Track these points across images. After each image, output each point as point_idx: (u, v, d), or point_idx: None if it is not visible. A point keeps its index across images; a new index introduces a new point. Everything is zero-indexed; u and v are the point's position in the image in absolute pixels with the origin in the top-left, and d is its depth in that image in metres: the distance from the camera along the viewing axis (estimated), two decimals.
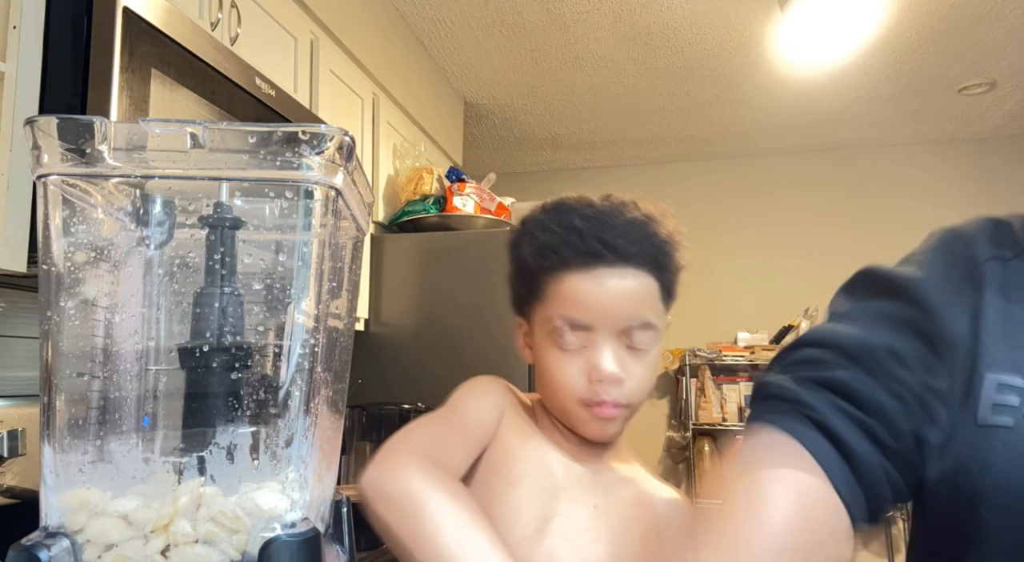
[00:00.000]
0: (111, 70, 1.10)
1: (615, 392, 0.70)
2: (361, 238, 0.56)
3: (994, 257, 0.59)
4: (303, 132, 0.42)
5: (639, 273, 0.70)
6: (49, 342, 0.42)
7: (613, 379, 0.69)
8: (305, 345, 0.43)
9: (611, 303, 0.69)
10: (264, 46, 1.76)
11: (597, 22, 2.70)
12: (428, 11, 2.64)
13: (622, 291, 0.69)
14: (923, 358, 0.57)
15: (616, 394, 0.70)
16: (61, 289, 0.42)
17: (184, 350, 0.43)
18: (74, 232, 0.42)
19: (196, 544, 0.39)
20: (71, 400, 0.42)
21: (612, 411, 0.71)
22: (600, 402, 0.70)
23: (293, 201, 0.43)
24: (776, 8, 2.58)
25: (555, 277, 0.71)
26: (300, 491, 0.41)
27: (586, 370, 0.70)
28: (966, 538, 0.56)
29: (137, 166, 0.42)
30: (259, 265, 0.45)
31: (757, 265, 4.09)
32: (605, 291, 0.69)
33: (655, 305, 0.71)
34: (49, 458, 0.41)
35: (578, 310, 0.69)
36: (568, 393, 0.71)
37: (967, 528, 0.56)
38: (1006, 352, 0.55)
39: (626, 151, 4.16)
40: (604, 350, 0.69)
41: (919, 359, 0.57)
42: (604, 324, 0.69)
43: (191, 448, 0.42)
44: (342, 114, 2.19)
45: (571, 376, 0.70)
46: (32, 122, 0.41)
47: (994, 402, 0.54)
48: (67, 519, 0.40)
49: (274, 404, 0.42)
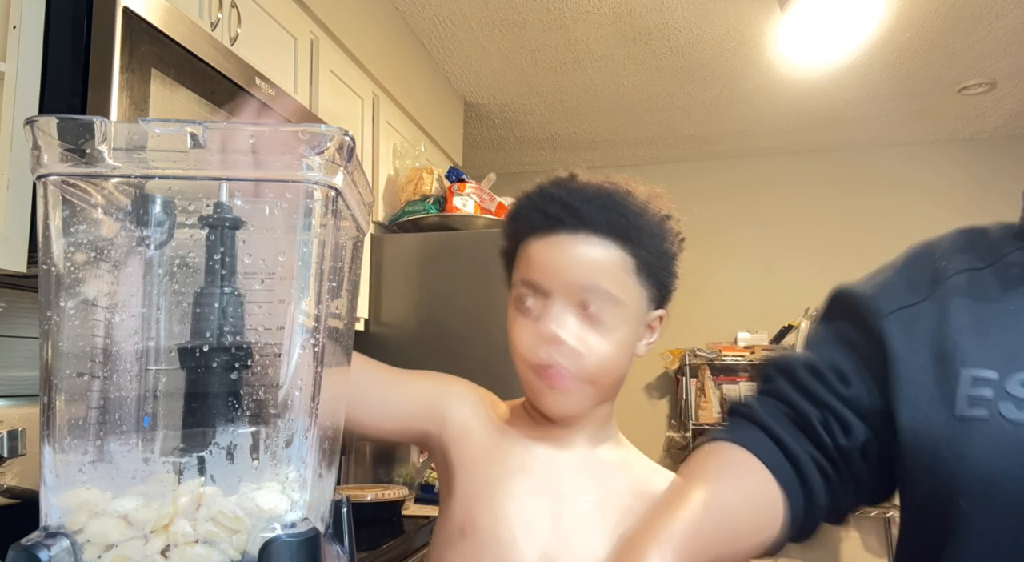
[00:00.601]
0: (111, 70, 1.10)
1: (564, 360, 0.67)
2: (361, 238, 0.56)
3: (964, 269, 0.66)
4: (303, 132, 0.42)
5: (604, 242, 0.68)
6: (49, 342, 0.42)
7: (554, 339, 0.67)
8: (305, 345, 0.43)
9: (567, 268, 0.68)
10: (264, 46, 1.76)
11: (597, 22, 2.70)
12: (428, 11, 2.64)
13: (579, 257, 0.68)
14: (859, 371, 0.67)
15: (567, 362, 0.68)
16: (61, 289, 0.42)
17: (184, 350, 0.43)
18: (74, 232, 0.42)
19: (196, 544, 0.39)
20: (71, 400, 0.42)
21: (563, 381, 0.68)
22: (547, 366, 0.68)
23: (293, 201, 0.43)
24: (776, 8, 2.58)
25: (522, 242, 0.71)
26: (300, 491, 0.41)
27: (538, 329, 0.68)
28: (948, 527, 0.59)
29: (137, 166, 0.42)
30: (259, 265, 0.45)
31: (757, 265, 4.09)
32: (562, 256, 0.68)
33: (620, 278, 0.69)
34: (49, 458, 0.41)
35: (535, 273, 0.69)
36: (523, 358, 0.70)
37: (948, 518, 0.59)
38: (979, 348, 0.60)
39: (626, 151, 4.16)
40: (554, 313, 0.68)
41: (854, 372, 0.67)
42: (559, 289, 0.68)
43: (191, 448, 0.42)
44: (342, 114, 2.19)
45: (525, 340, 0.69)
46: (32, 122, 0.41)
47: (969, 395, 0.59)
48: (67, 519, 0.40)
49: (274, 404, 0.42)
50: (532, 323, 0.69)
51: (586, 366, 0.68)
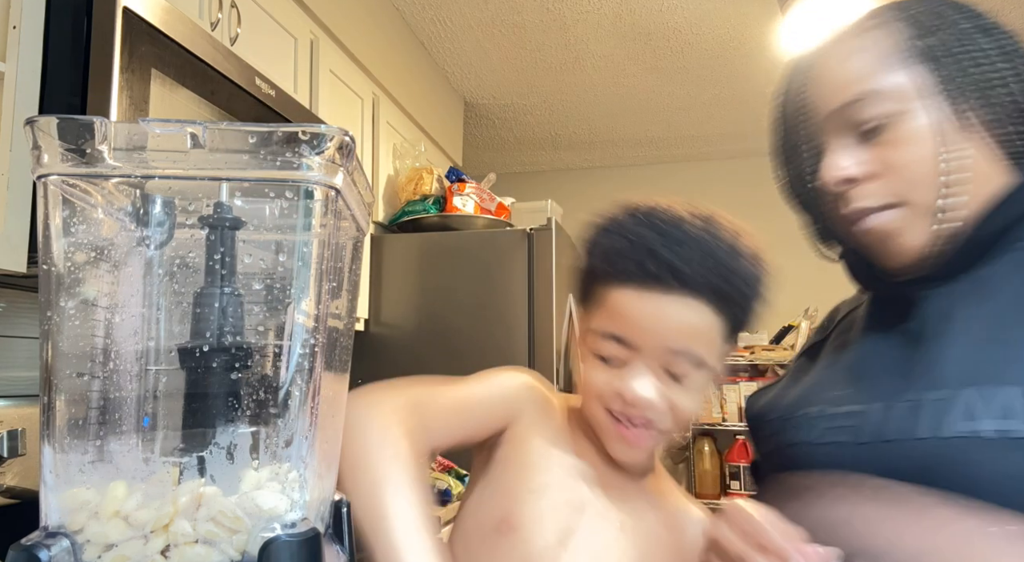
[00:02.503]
0: (111, 70, 1.10)
1: (646, 419, 0.68)
2: (361, 238, 0.56)
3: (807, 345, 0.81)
4: (303, 132, 0.42)
5: (701, 308, 0.65)
6: (49, 342, 0.42)
7: (645, 405, 0.66)
8: (305, 345, 0.43)
9: (661, 331, 0.65)
10: (264, 46, 1.76)
11: (597, 22, 2.70)
12: (428, 11, 2.64)
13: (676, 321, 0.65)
14: None
15: (647, 421, 0.68)
16: (61, 289, 0.42)
17: (184, 350, 0.43)
18: (74, 232, 0.42)
19: (196, 544, 0.39)
20: (71, 400, 0.42)
21: (640, 440, 0.68)
22: (627, 422, 0.68)
23: (293, 201, 0.43)
24: (776, 9, 2.58)
25: (606, 286, 0.68)
26: (300, 491, 0.41)
27: (620, 388, 0.67)
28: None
29: (137, 166, 0.42)
30: (259, 265, 0.45)
31: None
32: (657, 316, 0.65)
33: (711, 341, 0.67)
34: (49, 458, 0.41)
35: (624, 328, 0.66)
36: (600, 400, 0.69)
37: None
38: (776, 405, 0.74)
39: (626, 151, 4.16)
40: (641, 374, 0.66)
41: None
42: (648, 349, 0.66)
43: (191, 448, 0.42)
44: (342, 114, 2.19)
45: (604, 389, 0.68)
46: (32, 122, 0.41)
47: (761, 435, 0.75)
48: (67, 519, 0.40)
49: (274, 404, 0.42)
50: (613, 370, 0.68)
51: (664, 423, 0.68)
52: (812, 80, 0.70)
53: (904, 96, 0.64)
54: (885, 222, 0.65)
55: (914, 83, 0.64)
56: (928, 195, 0.63)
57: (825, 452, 0.64)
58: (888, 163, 0.64)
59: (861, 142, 0.66)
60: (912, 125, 0.63)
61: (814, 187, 0.71)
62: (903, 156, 0.63)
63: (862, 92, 0.65)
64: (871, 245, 0.67)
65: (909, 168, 0.63)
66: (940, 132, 0.63)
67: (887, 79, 0.64)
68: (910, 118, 0.64)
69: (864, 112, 0.65)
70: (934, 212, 0.63)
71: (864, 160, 0.65)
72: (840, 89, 0.66)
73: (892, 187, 0.64)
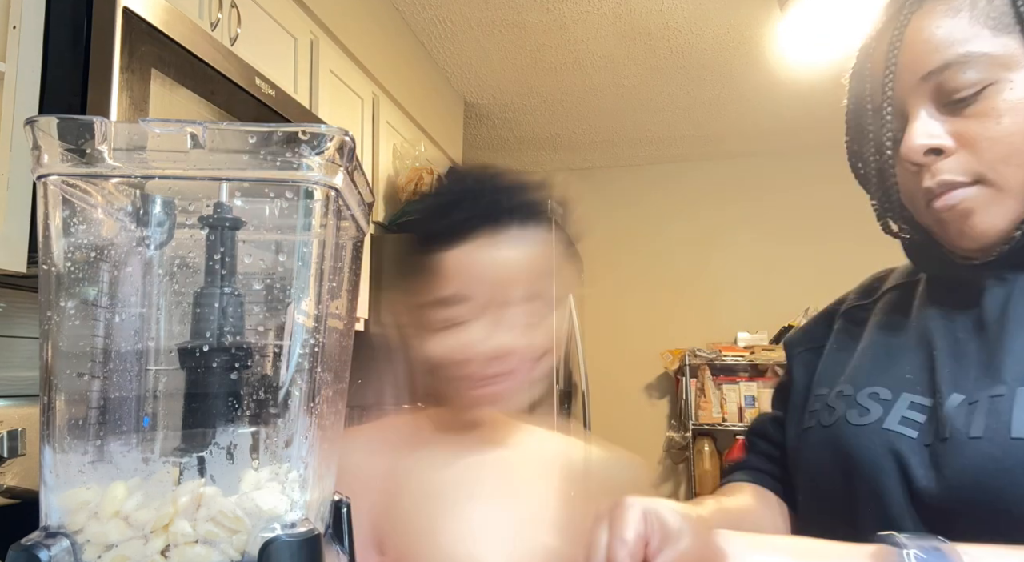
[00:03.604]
0: (111, 70, 1.10)
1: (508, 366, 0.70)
2: (361, 238, 0.56)
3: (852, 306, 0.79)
4: (303, 132, 0.42)
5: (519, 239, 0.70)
6: (49, 342, 0.42)
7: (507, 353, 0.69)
8: (305, 345, 0.43)
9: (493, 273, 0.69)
10: (264, 46, 1.76)
11: (597, 22, 2.70)
12: (428, 11, 2.64)
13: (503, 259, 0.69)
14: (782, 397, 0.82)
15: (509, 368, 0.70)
16: (61, 289, 0.42)
17: (184, 350, 0.43)
18: (74, 232, 0.42)
19: (196, 544, 0.39)
20: (71, 400, 0.42)
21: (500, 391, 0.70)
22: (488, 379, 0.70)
23: (293, 201, 0.43)
24: (776, 8, 2.58)
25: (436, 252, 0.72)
26: (300, 491, 0.41)
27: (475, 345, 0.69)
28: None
29: (137, 166, 0.42)
30: (259, 265, 0.45)
31: (757, 265, 4.09)
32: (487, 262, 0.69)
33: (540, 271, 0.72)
34: (49, 458, 0.41)
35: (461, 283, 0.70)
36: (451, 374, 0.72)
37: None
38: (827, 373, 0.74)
39: (626, 151, 4.16)
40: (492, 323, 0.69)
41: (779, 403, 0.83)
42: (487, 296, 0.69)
43: (191, 448, 0.42)
44: (342, 114, 2.19)
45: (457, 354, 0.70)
46: (32, 122, 0.41)
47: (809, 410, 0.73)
48: (67, 519, 0.40)
49: (274, 404, 0.42)
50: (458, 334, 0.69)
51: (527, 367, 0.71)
52: (904, 40, 0.64)
53: (1003, 64, 0.59)
54: (969, 199, 0.61)
55: (1016, 50, 0.59)
56: (1021, 174, 0.59)
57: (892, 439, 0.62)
58: (981, 135, 0.60)
59: (952, 111, 0.61)
60: (1010, 96, 0.59)
61: (893, 156, 0.66)
62: (999, 129, 0.59)
63: (961, 55, 0.60)
64: (949, 222, 0.63)
65: (1004, 143, 0.59)
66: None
67: (986, 44, 0.59)
68: (1008, 88, 0.59)
69: (958, 79, 0.60)
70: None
71: (954, 131, 0.61)
72: (935, 51, 0.61)
73: (982, 162, 0.60)
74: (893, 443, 0.62)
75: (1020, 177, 0.60)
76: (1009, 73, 0.59)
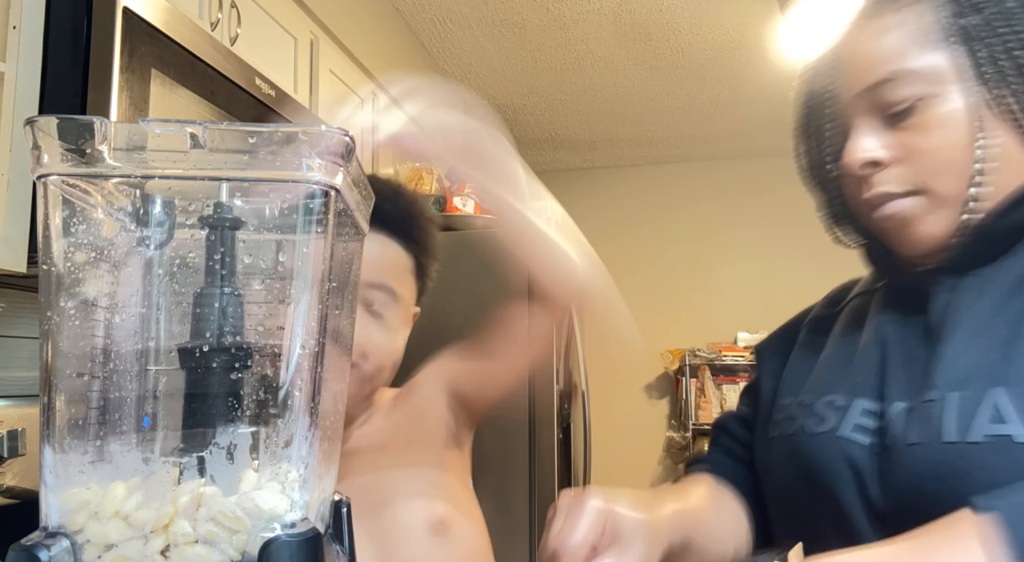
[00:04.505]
0: (111, 70, 1.10)
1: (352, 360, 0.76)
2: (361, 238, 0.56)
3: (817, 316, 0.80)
4: (303, 132, 0.42)
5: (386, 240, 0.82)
6: (49, 342, 0.42)
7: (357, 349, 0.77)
8: (305, 345, 0.43)
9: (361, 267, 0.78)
10: (264, 46, 1.76)
11: (597, 22, 2.70)
12: (428, 11, 2.64)
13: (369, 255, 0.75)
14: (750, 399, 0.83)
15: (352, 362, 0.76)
16: (61, 289, 0.42)
17: (184, 350, 0.43)
18: (74, 232, 0.42)
19: (196, 544, 0.39)
20: (71, 400, 0.42)
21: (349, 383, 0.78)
22: None
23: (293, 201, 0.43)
24: (776, 9, 2.58)
25: None
26: (300, 491, 0.41)
27: None
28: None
29: (137, 166, 0.42)
30: (259, 265, 0.45)
31: (757, 265, 4.09)
32: None
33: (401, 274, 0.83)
34: (49, 458, 0.41)
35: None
36: None
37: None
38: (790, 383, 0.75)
39: (626, 151, 4.16)
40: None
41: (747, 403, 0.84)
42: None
43: (191, 448, 0.42)
44: None
45: None
46: (32, 122, 0.41)
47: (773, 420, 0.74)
48: (67, 519, 0.40)
49: (274, 404, 0.42)
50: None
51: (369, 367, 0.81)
52: (843, 57, 0.67)
53: (938, 78, 0.61)
54: (906, 209, 0.63)
55: (950, 65, 0.61)
56: (954, 184, 0.61)
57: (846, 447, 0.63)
58: (915, 148, 0.62)
59: (889, 125, 0.63)
60: (944, 109, 0.61)
61: (836, 169, 0.69)
62: (932, 141, 0.61)
63: (894, 72, 0.62)
64: (890, 231, 0.66)
65: (937, 154, 0.61)
66: (977, 118, 0.60)
67: (921, 59, 0.61)
68: (943, 101, 0.61)
69: (895, 93, 0.62)
70: (963, 201, 0.61)
71: (891, 143, 0.63)
72: (871, 67, 0.64)
73: (917, 173, 0.62)
74: (847, 451, 0.63)
75: (953, 187, 0.61)
76: (939, 87, 0.61)
